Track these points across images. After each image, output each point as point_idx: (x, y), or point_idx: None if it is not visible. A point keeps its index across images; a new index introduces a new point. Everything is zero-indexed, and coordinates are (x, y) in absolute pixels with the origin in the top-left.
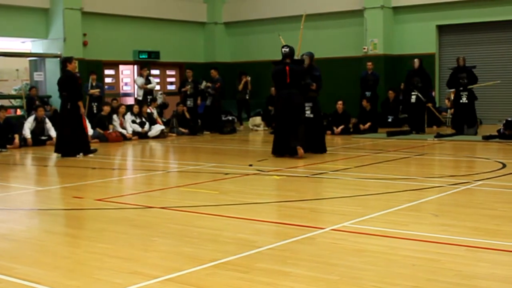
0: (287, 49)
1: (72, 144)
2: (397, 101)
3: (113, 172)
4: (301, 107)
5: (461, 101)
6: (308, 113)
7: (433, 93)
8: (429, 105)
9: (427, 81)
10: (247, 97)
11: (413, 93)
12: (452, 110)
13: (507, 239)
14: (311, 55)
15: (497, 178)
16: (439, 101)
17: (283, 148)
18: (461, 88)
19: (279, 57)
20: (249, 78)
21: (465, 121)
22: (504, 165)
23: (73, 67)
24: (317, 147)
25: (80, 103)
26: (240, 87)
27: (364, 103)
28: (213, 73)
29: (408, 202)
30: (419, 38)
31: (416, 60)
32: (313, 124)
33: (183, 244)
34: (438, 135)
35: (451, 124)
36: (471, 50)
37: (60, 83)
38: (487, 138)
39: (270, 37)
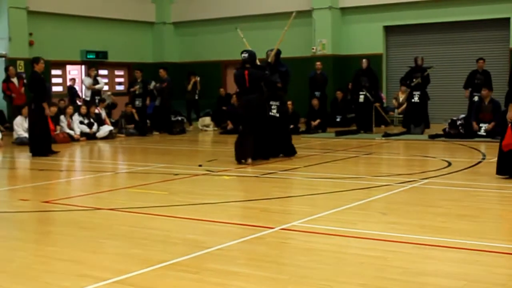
0: (246, 55)
1: (41, 144)
2: (346, 101)
3: (61, 174)
4: (260, 110)
5: (413, 100)
6: (274, 112)
7: (381, 93)
8: (377, 104)
9: (374, 81)
10: (196, 97)
11: (361, 92)
12: (400, 109)
13: (453, 236)
14: (278, 53)
15: (443, 176)
16: (387, 100)
17: (265, 151)
18: (414, 87)
19: (229, 58)
20: (198, 78)
21: (414, 121)
22: (449, 164)
23: (40, 67)
24: (285, 150)
25: (45, 105)
26: (189, 87)
27: (314, 102)
28: (162, 72)
29: (356, 200)
30: (366, 39)
31: (364, 60)
32: (278, 124)
33: (132, 246)
34: (386, 135)
35: (402, 122)
36: (417, 51)
37: (28, 84)
38: (433, 137)
39: (219, 37)
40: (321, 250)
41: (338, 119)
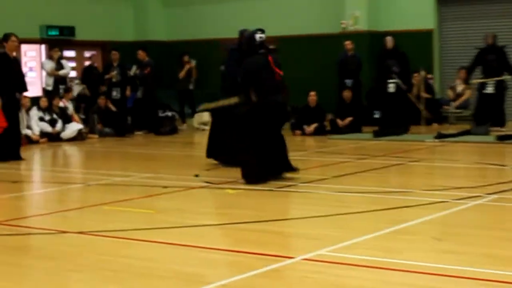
0: (264, 35)
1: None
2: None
3: (14, 186)
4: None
5: (486, 91)
6: None
7: (430, 80)
8: (411, 96)
9: (405, 64)
10: (191, 87)
11: (390, 80)
12: (457, 102)
13: None
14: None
15: None
16: (440, 91)
17: (276, 169)
18: (489, 74)
19: (233, 35)
20: (193, 63)
21: (490, 116)
22: None
23: (11, 47)
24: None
25: (21, 96)
26: (182, 74)
27: (345, 93)
28: (141, 54)
29: (401, 222)
30: (413, 10)
31: (389, 38)
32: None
33: (106, 280)
34: (440, 136)
35: (473, 119)
36: (481, 25)
37: None
38: (502, 138)
39: (219, 8)
40: (355, 287)
41: (376, 115)
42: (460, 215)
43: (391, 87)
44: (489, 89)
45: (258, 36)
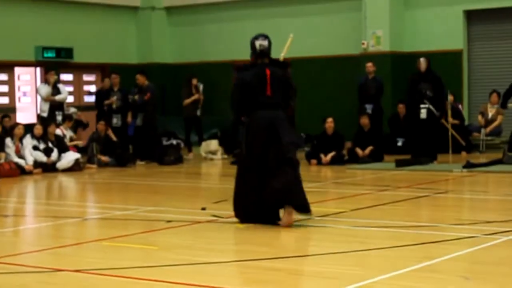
0: (266, 42)
1: None
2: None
3: (5, 221)
4: (294, 144)
5: None
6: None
7: (459, 106)
8: (450, 121)
9: (439, 88)
10: (198, 114)
11: (422, 105)
12: (489, 128)
13: None
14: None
15: None
16: (469, 116)
17: (265, 211)
18: None
19: (244, 57)
20: (200, 87)
21: None
22: None
23: None
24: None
25: None
26: (188, 101)
27: (363, 120)
28: (140, 79)
29: (426, 259)
30: (440, 29)
31: (422, 60)
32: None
33: None
34: (469, 165)
35: (507, 147)
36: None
37: None
38: None
39: (230, 27)
40: None
41: (399, 143)
42: (491, 251)
43: (423, 113)
44: None
45: (258, 43)
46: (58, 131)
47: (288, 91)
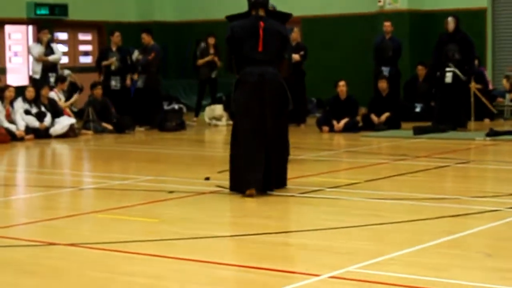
0: None
1: None
2: (431, 81)
3: None
4: (285, 100)
5: None
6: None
7: (483, 70)
8: (474, 86)
9: (468, 50)
10: (213, 76)
11: (448, 69)
12: None
13: None
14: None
15: None
16: (493, 81)
17: (263, 178)
18: None
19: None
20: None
21: None
22: None
23: None
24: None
25: None
26: (201, 61)
27: (381, 83)
28: (145, 38)
29: (446, 234)
30: None
31: (450, 20)
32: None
33: None
34: (492, 133)
35: None
36: None
37: None
38: None
39: None
40: None
41: (417, 109)
42: None
43: (448, 77)
44: None
45: None
46: (52, 94)
47: (284, 47)
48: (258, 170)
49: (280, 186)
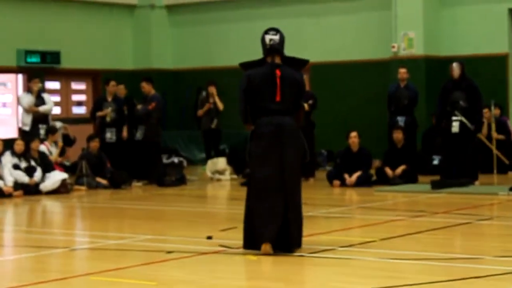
0: (277, 37)
1: None
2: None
3: None
4: (303, 154)
5: None
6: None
7: (507, 120)
8: (482, 137)
9: (475, 97)
10: (213, 126)
11: (454, 117)
12: None
13: None
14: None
15: None
16: None
17: (276, 237)
18: None
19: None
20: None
21: None
22: None
23: None
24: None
25: None
26: (201, 111)
27: (397, 134)
28: (145, 87)
29: None
30: (481, 30)
31: (455, 66)
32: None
33: None
34: None
35: None
36: None
37: None
38: None
39: (240, 28)
40: None
41: (436, 162)
42: None
43: (455, 126)
44: None
45: (268, 37)
46: (42, 148)
47: (300, 95)
48: (275, 223)
49: (293, 250)
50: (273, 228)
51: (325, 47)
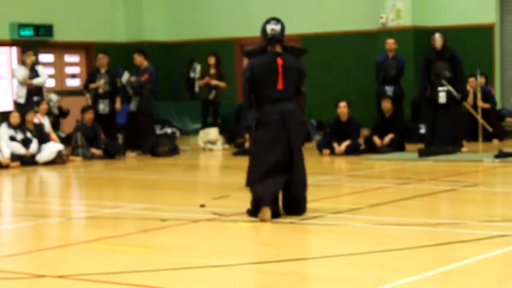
0: (278, 26)
1: None
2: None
3: None
4: (307, 134)
5: None
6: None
7: (491, 88)
8: (467, 105)
9: (458, 67)
10: (211, 97)
11: (440, 88)
12: None
13: None
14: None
15: None
16: (502, 99)
17: (286, 203)
18: None
19: (249, 33)
20: (197, 68)
21: None
22: None
23: None
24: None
25: None
26: (201, 82)
27: (385, 104)
28: (138, 59)
29: (454, 261)
30: (468, 1)
31: (437, 37)
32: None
33: None
34: (501, 154)
35: None
36: None
37: None
38: None
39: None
40: None
41: (422, 130)
42: None
43: (442, 97)
44: None
45: (269, 28)
46: (36, 119)
47: (301, 81)
48: (275, 189)
49: (301, 213)
50: (274, 194)
51: (315, 18)
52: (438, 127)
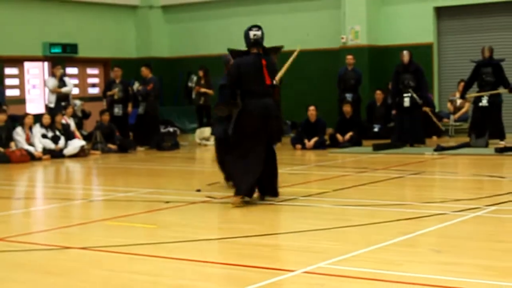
0: (259, 32)
1: None
2: (386, 105)
3: (17, 203)
4: (281, 127)
5: (480, 104)
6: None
7: (430, 95)
8: (427, 109)
9: (421, 79)
10: (201, 102)
11: (405, 94)
12: (457, 115)
13: None
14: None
15: None
16: (439, 104)
17: (263, 187)
18: (484, 87)
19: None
20: (194, 79)
21: (484, 129)
22: None
23: None
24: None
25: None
26: (195, 90)
27: (346, 108)
28: (144, 71)
29: (401, 234)
30: (412, 24)
31: (405, 53)
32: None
33: None
34: (439, 148)
35: (469, 132)
36: (479, 39)
37: None
38: (501, 151)
39: (223, 23)
40: None
41: (376, 129)
42: (459, 227)
43: (406, 101)
44: (484, 102)
45: (252, 33)
46: (64, 121)
47: (275, 75)
48: (253, 178)
49: (274, 195)
50: (250, 183)
51: (289, 38)
52: (404, 126)
